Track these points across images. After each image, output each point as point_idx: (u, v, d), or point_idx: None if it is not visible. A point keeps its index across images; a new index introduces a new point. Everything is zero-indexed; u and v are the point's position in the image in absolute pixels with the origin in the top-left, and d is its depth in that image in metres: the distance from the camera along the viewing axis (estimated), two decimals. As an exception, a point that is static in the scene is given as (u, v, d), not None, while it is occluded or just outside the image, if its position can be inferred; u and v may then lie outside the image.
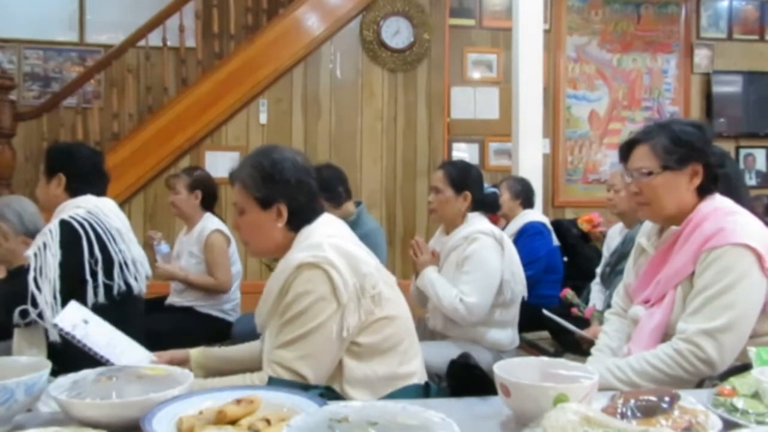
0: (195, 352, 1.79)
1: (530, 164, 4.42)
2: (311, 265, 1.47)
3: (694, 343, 1.46)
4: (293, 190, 1.58)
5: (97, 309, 2.07)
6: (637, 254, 1.81)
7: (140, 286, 2.26)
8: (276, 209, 1.58)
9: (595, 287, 3.23)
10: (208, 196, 3.44)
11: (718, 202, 1.63)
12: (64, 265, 2.02)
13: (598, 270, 3.31)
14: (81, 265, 2.06)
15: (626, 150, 1.72)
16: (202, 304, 3.38)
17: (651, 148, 1.64)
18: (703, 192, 1.63)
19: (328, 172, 3.06)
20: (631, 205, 1.82)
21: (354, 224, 2.56)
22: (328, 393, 1.29)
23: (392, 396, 1.47)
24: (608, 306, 1.97)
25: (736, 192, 1.77)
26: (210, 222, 3.40)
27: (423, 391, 1.50)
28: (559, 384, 1.05)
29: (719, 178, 1.66)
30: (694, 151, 1.61)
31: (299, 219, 1.59)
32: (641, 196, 1.66)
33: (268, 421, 1.00)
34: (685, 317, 1.52)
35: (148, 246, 3.21)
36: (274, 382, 1.40)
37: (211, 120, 5.01)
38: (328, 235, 1.55)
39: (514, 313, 2.71)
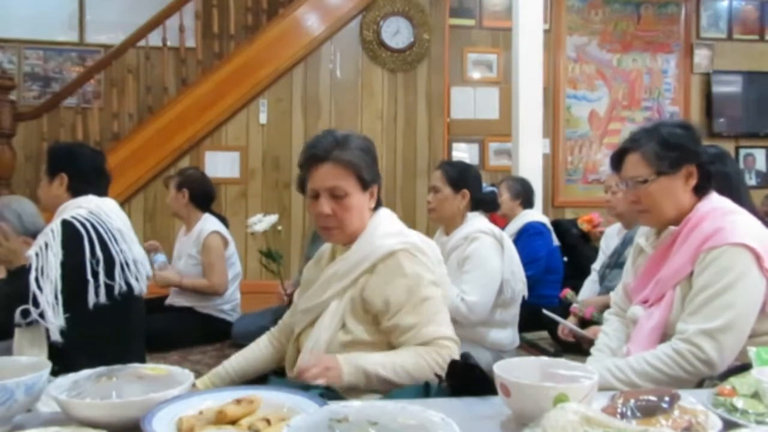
0: (202, 383, 1.69)
1: (530, 164, 4.42)
2: (404, 251, 1.55)
3: (694, 344, 1.46)
4: (378, 172, 1.65)
5: (98, 309, 2.08)
6: (635, 254, 1.81)
7: (141, 286, 2.26)
8: (370, 191, 1.62)
9: (589, 284, 3.25)
10: (198, 194, 3.43)
11: (716, 201, 1.63)
12: (65, 265, 2.01)
13: (595, 266, 3.32)
14: (82, 264, 2.06)
15: (617, 159, 1.71)
16: (202, 304, 3.39)
17: (642, 156, 1.63)
18: (699, 191, 1.63)
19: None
20: (630, 209, 1.81)
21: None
22: (328, 393, 1.29)
23: (392, 396, 1.47)
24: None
25: (736, 192, 1.77)
26: (209, 223, 3.40)
27: (423, 391, 1.50)
28: (559, 384, 1.04)
29: (716, 176, 1.66)
30: (686, 153, 1.61)
31: (378, 200, 1.67)
32: (640, 204, 1.66)
33: (268, 421, 1.00)
34: (685, 317, 1.52)
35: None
36: None
37: (211, 120, 5.01)
38: (397, 224, 1.66)
39: (514, 313, 2.72)
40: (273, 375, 1.67)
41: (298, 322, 1.68)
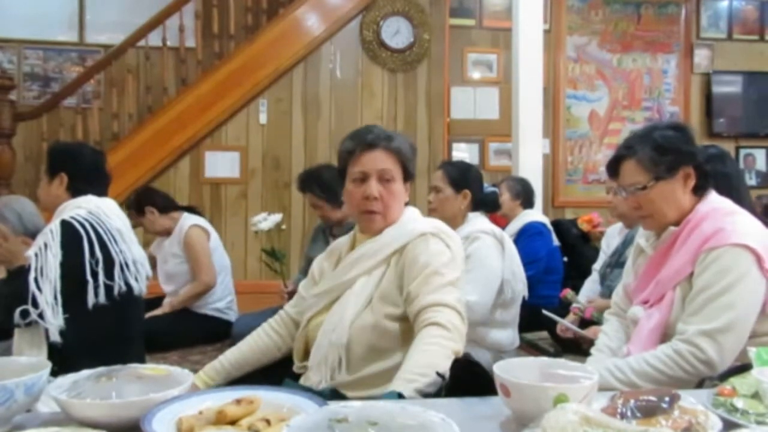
0: (198, 379, 1.68)
1: (530, 164, 4.42)
2: (433, 234, 1.61)
3: (694, 344, 1.46)
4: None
5: (98, 309, 2.08)
6: (636, 255, 1.81)
7: (140, 287, 2.26)
8: (406, 186, 1.69)
9: (589, 284, 3.24)
10: (160, 204, 3.43)
11: (717, 202, 1.62)
12: (65, 265, 2.01)
13: (596, 266, 3.32)
14: (82, 265, 2.06)
15: (614, 166, 1.71)
16: (198, 304, 3.39)
17: (638, 163, 1.63)
18: (698, 191, 1.63)
19: (328, 172, 3.05)
20: (632, 213, 1.81)
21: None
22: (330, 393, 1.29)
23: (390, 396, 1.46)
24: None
25: (736, 192, 1.77)
26: (188, 219, 3.41)
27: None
28: (559, 384, 1.04)
29: (716, 176, 1.66)
30: (681, 155, 1.61)
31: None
32: (641, 210, 1.66)
33: (268, 421, 1.00)
34: (685, 318, 1.52)
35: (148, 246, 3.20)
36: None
37: (211, 120, 5.01)
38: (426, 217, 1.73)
39: (514, 313, 2.71)
40: (289, 378, 1.63)
41: (311, 307, 1.68)
